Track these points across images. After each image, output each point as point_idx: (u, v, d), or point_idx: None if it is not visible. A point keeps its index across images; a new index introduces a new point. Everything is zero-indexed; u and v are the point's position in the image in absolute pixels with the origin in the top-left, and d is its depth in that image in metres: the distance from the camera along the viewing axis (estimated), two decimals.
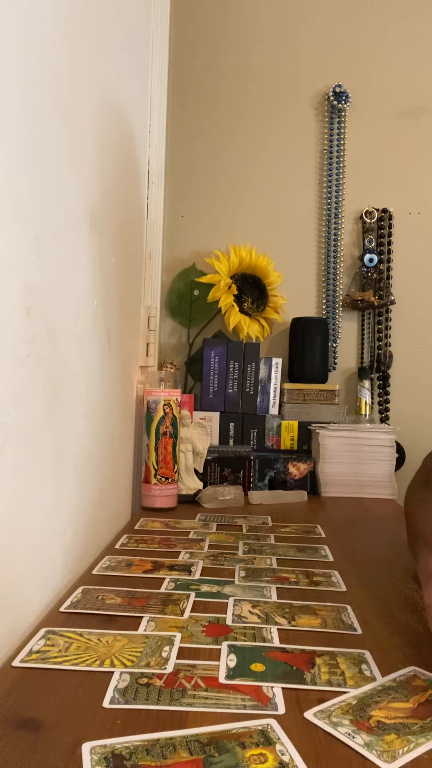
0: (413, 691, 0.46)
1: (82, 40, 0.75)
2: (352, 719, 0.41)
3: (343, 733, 0.40)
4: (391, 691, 0.46)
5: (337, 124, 1.51)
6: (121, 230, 1.00)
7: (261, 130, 1.52)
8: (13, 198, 0.54)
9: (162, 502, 1.11)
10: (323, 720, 0.41)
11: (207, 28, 1.53)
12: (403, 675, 0.48)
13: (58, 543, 0.68)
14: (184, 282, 1.47)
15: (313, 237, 1.52)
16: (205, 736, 0.39)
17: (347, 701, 0.44)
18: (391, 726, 0.41)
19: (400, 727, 0.41)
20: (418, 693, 0.45)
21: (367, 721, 0.41)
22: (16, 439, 0.55)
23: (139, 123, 1.21)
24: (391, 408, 1.47)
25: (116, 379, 0.98)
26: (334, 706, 0.43)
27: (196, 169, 1.53)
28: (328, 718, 0.42)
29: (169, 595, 0.64)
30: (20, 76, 0.55)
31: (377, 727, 0.41)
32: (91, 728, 0.40)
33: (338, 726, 0.41)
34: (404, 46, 1.50)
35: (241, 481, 1.27)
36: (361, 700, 0.44)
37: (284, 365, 1.43)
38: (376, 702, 0.44)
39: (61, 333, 0.68)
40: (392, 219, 1.49)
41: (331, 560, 0.80)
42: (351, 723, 0.41)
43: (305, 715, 0.42)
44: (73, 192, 0.72)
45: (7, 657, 0.51)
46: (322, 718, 0.41)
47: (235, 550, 0.83)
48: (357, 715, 0.42)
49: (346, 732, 0.40)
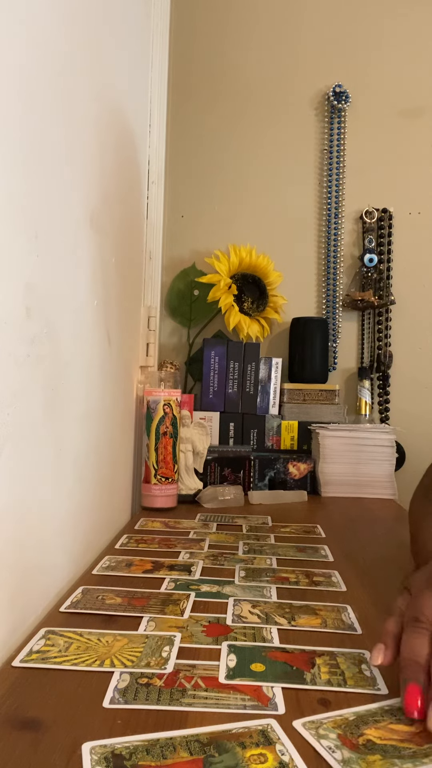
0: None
1: (81, 40, 0.75)
2: (341, 734, 0.39)
3: (325, 746, 0.38)
4: (398, 712, 0.42)
5: (337, 124, 1.51)
6: (121, 230, 1.00)
7: (261, 130, 1.52)
8: (13, 198, 0.54)
9: (162, 502, 1.11)
10: (310, 731, 0.40)
11: (207, 28, 1.53)
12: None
13: (57, 543, 0.68)
14: (184, 282, 1.47)
15: (313, 237, 1.52)
16: (205, 736, 0.39)
17: (345, 716, 0.42)
18: (379, 747, 0.38)
19: (389, 749, 0.38)
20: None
21: (356, 738, 0.39)
22: (16, 439, 0.55)
23: (139, 123, 1.21)
24: (391, 408, 1.47)
25: (116, 379, 0.98)
26: (329, 719, 0.41)
27: (196, 169, 1.53)
28: (316, 729, 0.40)
29: (169, 595, 0.64)
30: (20, 76, 0.55)
31: (364, 746, 0.38)
32: (91, 728, 0.40)
33: (322, 738, 0.39)
34: (404, 46, 1.50)
35: (241, 481, 1.27)
36: (361, 717, 0.42)
37: (284, 365, 1.43)
38: (376, 721, 0.41)
39: (61, 333, 0.67)
40: (392, 219, 1.49)
41: (331, 560, 0.80)
42: (337, 738, 0.39)
43: (293, 724, 0.40)
44: (73, 192, 0.72)
45: (7, 657, 0.51)
46: (309, 729, 0.40)
47: (235, 550, 0.83)
48: (348, 731, 0.40)
49: (328, 746, 0.38)
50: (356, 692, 0.45)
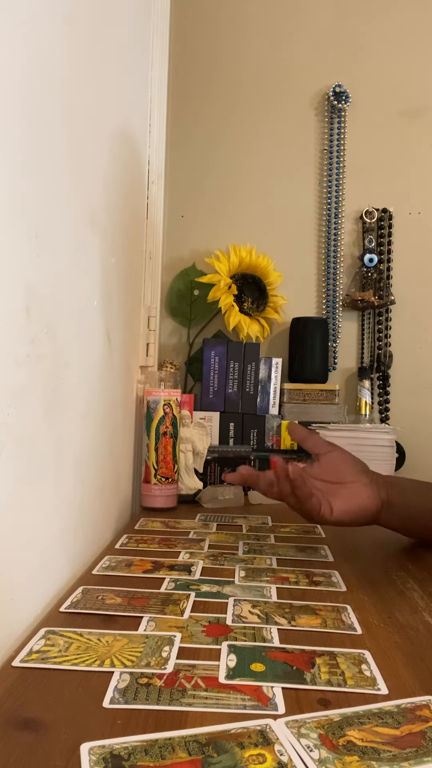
0: (412, 720, 0.41)
1: (81, 41, 0.75)
2: (322, 734, 0.39)
3: (303, 745, 0.37)
4: (386, 715, 0.42)
5: (337, 124, 1.51)
6: (121, 230, 1.00)
7: (261, 130, 1.52)
8: (13, 198, 0.54)
9: (162, 502, 1.11)
10: (292, 729, 0.39)
11: (207, 28, 1.53)
12: (412, 702, 0.44)
13: (57, 543, 0.68)
14: (184, 282, 1.47)
15: (313, 237, 1.52)
16: (203, 737, 0.39)
17: (330, 716, 0.41)
18: (358, 748, 0.38)
19: (369, 751, 0.37)
20: (416, 723, 0.41)
21: (337, 739, 0.38)
22: (16, 439, 0.55)
23: (139, 123, 1.21)
24: (391, 408, 1.47)
25: (116, 379, 0.98)
26: (313, 719, 0.41)
27: (196, 169, 1.53)
28: (298, 729, 0.39)
29: (169, 595, 0.64)
30: (19, 75, 0.55)
31: (343, 747, 0.38)
32: (91, 728, 0.40)
33: (302, 737, 0.38)
34: (404, 46, 1.50)
35: None
36: (347, 718, 0.41)
37: (284, 365, 1.43)
38: (362, 723, 0.40)
39: (61, 333, 0.68)
40: (392, 219, 1.49)
41: (331, 560, 0.80)
42: (318, 738, 0.38)
43: (275, 723, 0.40)
44: (73, 192, 0.72)
45: (7, 657, 0.51)
46: (291, 728, 0.39)
47: (235, 550, 0.83)
48: (330, 731, 0.39)
49: (306, 744, 0.37)
50: (356, 692, 0.45)
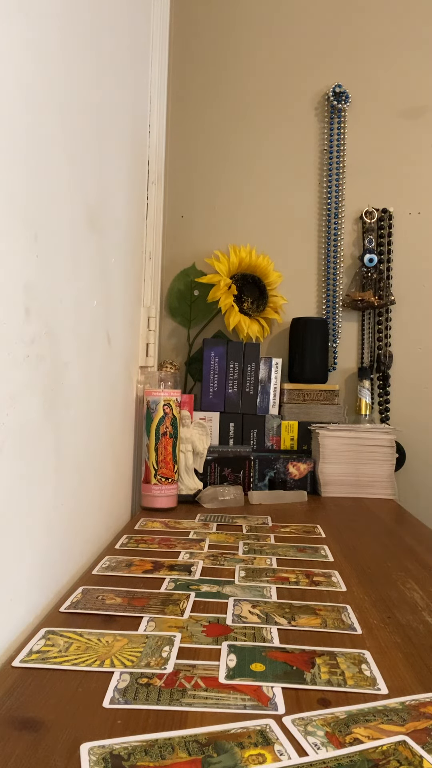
0: (417, 717, 0.42)
1: (81, 41, 0.75)
2: (329, 732, 0.39)
3: (311, 743, 0.38)
4: (391, 713, 0.42)
5: (337, 125, 1.51)
6: (121, 230, 1.00)
7: (261, 130, 1.52)
8: (13, 198, 0.54)
9: (162, 502, 1.11)
10: (298, 727, 0.40)
11: (207, 29, 1.53)
12: (416, 700, 0.44)
13: (57, 543, 0.68)
14: (184, 282, 1.47)
15: (313, 237, 1.52)
16: (203, 737, 0.39)
17: (336, 714, 0.42)
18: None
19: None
20: (421, 720, 0.41)
21: (343, 736, 0.39)
22: (16, 439, 0.55)
23: (139, 123, 1.21)
24: (391, 408, 1.47)
25: (116, 379, 0.98)
26: (319, 717, 0.41)
27: (196, 169, 1.53)
28: (305, 726, 0.40)
29: (169, 595, 0.64)
30: (19, 75, 0.55)
31: (350, 745, 0.38)
32: (91, 728, 0.40)
33: (309, 735, 0.39)
34: (404, 46, 1.50)
35: (241, 481, 1.27)
36: (353, 716, 0.41)
37: (284, 365, 1.43)
38: (368, 720, 0.41)
39: (61, 333, 0.68)
40: (392, 219, 1.49)
41: (331, 560, 0.80)
42: (324, 735, 0.39)
43: (283, 720, 0.40)
44: (73, 192, 0.72)
45: (7, 657, 0.51)
46: (298, 725, 0.40)
47: (235, 550, 0.83)
48: (336, 728, 0.40)
49: (314, 743, 0.38)
50: (356, 692, 0.45)
